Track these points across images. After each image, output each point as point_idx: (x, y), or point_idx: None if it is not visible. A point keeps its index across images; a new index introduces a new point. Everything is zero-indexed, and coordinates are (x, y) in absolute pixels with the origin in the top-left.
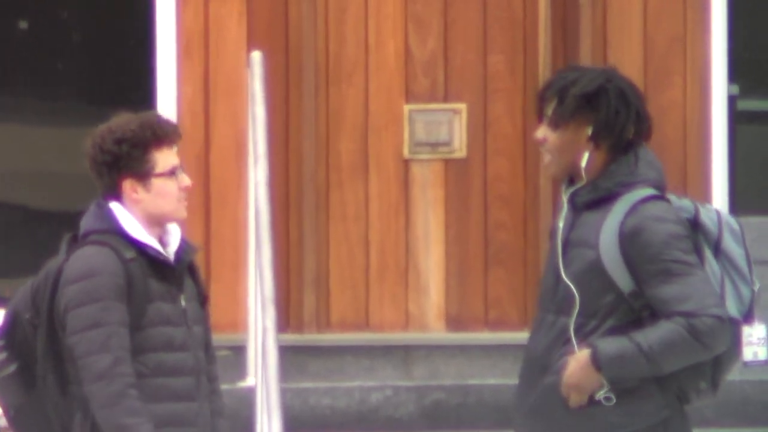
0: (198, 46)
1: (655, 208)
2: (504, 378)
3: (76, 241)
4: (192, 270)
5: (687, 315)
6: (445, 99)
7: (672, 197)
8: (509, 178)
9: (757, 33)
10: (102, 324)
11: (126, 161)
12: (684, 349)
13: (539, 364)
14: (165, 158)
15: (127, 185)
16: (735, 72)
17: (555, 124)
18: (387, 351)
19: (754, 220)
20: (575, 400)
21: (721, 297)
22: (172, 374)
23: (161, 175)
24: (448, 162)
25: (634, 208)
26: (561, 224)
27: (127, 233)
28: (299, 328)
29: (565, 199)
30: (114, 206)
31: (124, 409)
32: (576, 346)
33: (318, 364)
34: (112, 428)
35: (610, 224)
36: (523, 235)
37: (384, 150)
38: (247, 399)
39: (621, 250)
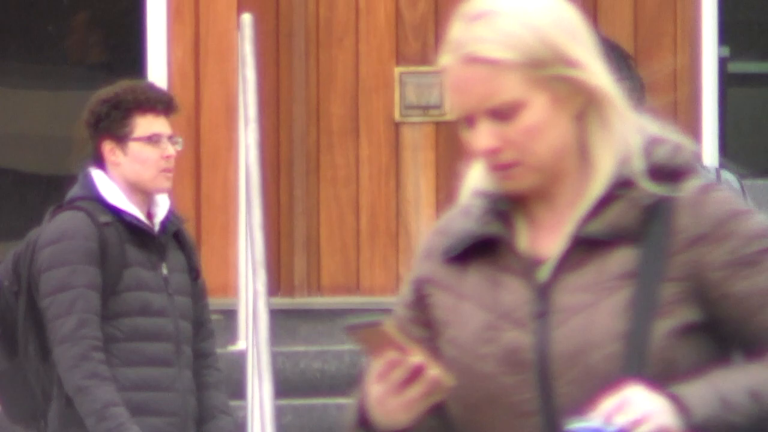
0: (188, 9)
1: None
2: None
3: (59, 211)
4: (182, 243)
5: None
6: (436, 61)
7: None
8: None
9: None
10: (70, 287)
11: (106, 122)
12: None
13: None
14: (147, 124)
15: (107, 147)
16: (725, 34)
17: None
18: (378, 314)
19: (744, 183)
20: None
21: None
22: (147, 339)
23: (139, 139)
24: (438, 125)
25: None
26: None
27: (104, 198)
28: (290, 292)
29: None
30: (95, 173)
31: (85, 371)
32: None
33: (308, 328)
34: (71, 390)
35: None
36: None
37: (375, 113)
38: (238, 363)
39: None
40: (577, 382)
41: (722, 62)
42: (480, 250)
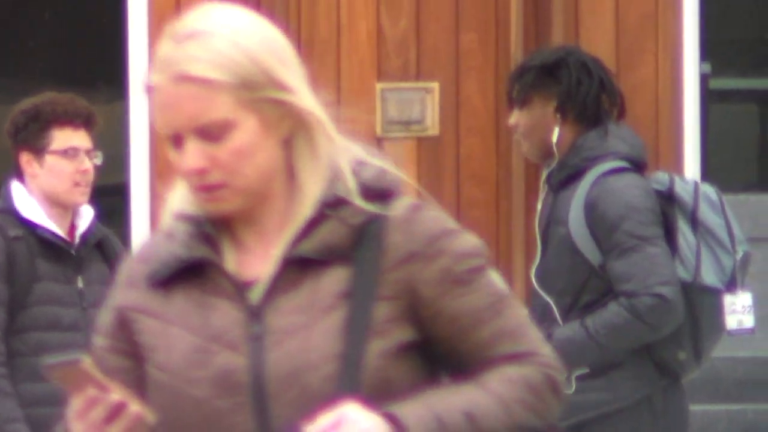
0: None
1: (617, 180)
2: None
3: None
4: (107, 254)
5: (627, 295)
6: (417, 77)
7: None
8: (482, 157)
9: (729, 11)
10: None
11: (23, 134)
12: (628, 330)
13: None
14: (65, 137)
15: (24, 158)
16: (707, 50)
17: (521, 102)
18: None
19: (726, 198)
20: None
21: (696, 268)
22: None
23: (55, 152)
24: (420, 140)
25: (596, 181)
26: (539, 206)
27: (17, 212)
28: None
29: (542, 181)
30: (14, 185)
31: None
32: (560, 323)
33: None
34: None
35: (577, 199)
36: (495, 213)
37: (356, 128)
38: None
39: (587, 224)
40: (294, 404)
41: (704, 78)
42: (187, 275)
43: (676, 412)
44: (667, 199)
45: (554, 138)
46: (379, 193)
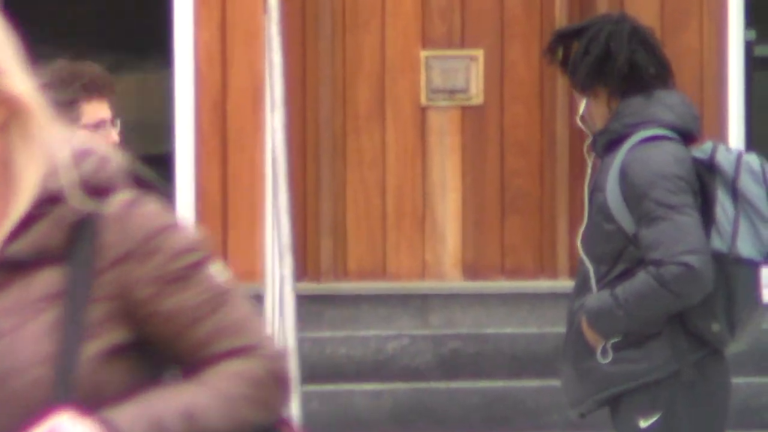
0: None
1: (650, 148)
2: (520, 327)
3: None
4: None
5: (655, 263)
6: (462, 45)
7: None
8: (526, 125)
9: None
10: None
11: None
12: (655, 298)
13: (570, 311)
14: (94, 111)
15: None
16: (752, 17)
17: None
18: (404, 300)
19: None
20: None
21: (733, 239)
22: None
23: (86, 126)
24: (464, 109)
25: (632, 149)
26: (588, 171)
27: None
28: (316, 277)
29: (585, 149)
30: None
31: None
32: (595, 292)
33: (334, 313)
34: None
35: (615, 166)
36: (539, 183)
37: (400, 97)
38: None
39: (621, 191)
40: (2, 409)
41: (748, 45)
42: None
43: (717, 383)
44: (708, 168)
45: (580, 110)
46: (97, 186)
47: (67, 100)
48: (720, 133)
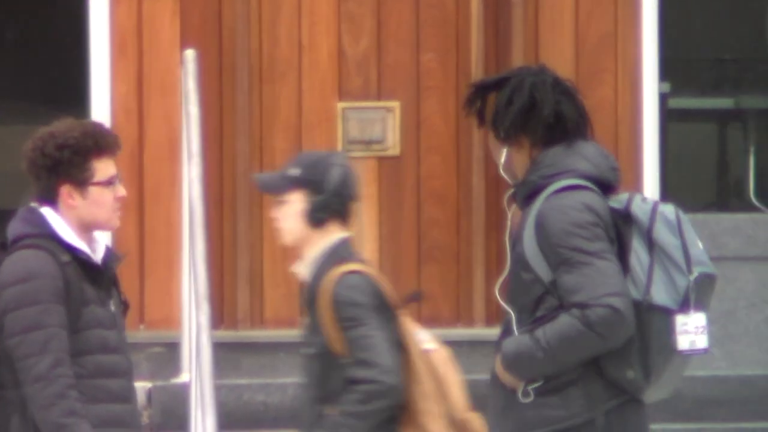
0: (132, 44)
1: (564, 198)
2: None
3: (4, 248)
4: (115, 279)
5: (580, 306)
6: (378, 97)
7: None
8: (442, 176)
9: (687, 31)
10: (42, 326)
11: (66, 167)
12: (580, 340)
13: (495, 357)
14: (104, 167)
15: (65, 191)
16: (665, 70)
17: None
18: None
19: (683, 217)
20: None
21: (647, 287)
22: (109, 376)
23: (99, 183)
24: (381, 159)
25: (548, 198)
26: (509, 224)
27: (60, 237)
28: (233, 325)
29: (505, 200)
30: (46, 211)
31: (63, 409)
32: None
33: (252, 361)
34: (50, 428)
35: (531, 216)
36: (456, 232)
37: (318, 147)
38: (181, 395)
39: (537, 241)
40: None
41: (663, 98)
42: None
43: (634, 430)
44: (624, 218)
45: (500, 160)
46: None
47: (80, 160)
48: (635, 184)
